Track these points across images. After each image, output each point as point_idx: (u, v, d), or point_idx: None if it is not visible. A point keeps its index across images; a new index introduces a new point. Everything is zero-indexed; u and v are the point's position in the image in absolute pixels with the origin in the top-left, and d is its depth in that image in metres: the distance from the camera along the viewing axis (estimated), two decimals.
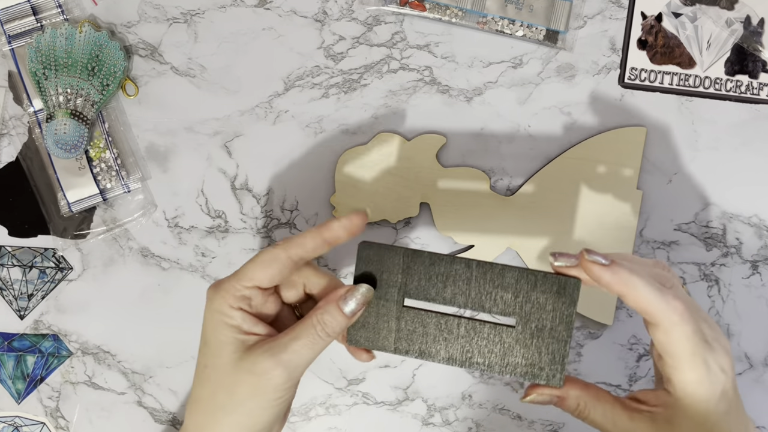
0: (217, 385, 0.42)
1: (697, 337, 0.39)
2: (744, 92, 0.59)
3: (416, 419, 0.59)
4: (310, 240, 0.42)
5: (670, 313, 0.39)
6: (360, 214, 0.43)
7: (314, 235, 0.42)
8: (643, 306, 0.39)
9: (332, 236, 0.42)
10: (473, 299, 0.42)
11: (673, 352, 0.40)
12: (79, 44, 0.56)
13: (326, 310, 0.41)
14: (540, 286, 0.41)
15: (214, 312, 0.42)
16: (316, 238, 0.42)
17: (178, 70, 0.59)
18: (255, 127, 0.59)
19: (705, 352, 0.40)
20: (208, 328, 0.43)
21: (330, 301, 0.42)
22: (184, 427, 0.44)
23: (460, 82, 0.59)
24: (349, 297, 0.41)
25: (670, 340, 0.39)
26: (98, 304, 0.59)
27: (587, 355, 0.59)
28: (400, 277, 0.42)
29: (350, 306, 0.41)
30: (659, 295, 0.39)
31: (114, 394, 0.59)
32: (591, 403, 0.42)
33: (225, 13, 0.59)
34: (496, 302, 0.41)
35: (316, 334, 0.41)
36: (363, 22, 0.59)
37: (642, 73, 0.59)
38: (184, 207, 0.59)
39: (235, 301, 0.42)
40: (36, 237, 0.59)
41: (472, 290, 0.42)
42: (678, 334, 0.39)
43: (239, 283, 0.42)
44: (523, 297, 0.41)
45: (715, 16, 0.59)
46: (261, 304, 0.43)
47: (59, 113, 0.56)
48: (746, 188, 0.59)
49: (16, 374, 0.59)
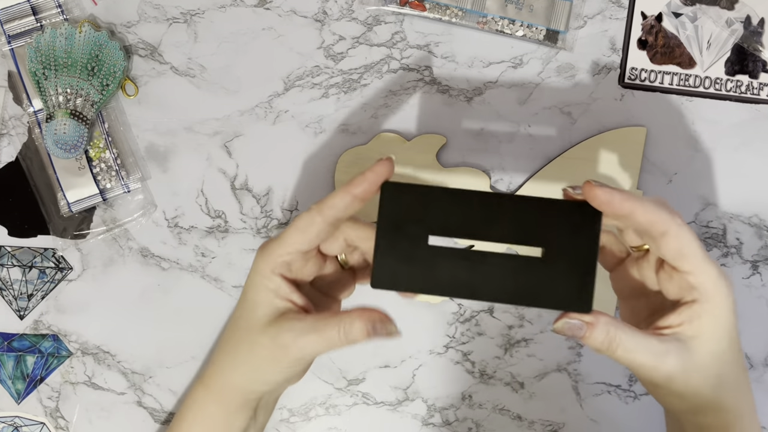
0: (243, 338, 0.45)
1: (699, 241, 0.42)
2: (744, 92, 0.59)
3: (416, 419, 0.59)
4: (340, 200, 0.42)
5: (675, 218, 0.41)
6: (385, 161, 0.42)
7: (344, 194, 0.42)
8: (649, 218, 0.40)
9: (361, 191, 0.42)
10: (498, 232, 0.41)
11: (688, 254, 0.41)
12: (79, 44, 0.56)
13: (353, 326, 0.43)
14: (562, 215, 0.41)
15: (256, 273, 0.44)
16: (346, 197, 0.42)
17: (177, 70, 0.59)
18: (255, 127, 0.59)
19: (710, 259, 0.42)
20: (249, 286, 0.45)
21: (362, 318, 0.43)
22: (210, 361, 0.48)
23: (460, 82, 0.59)
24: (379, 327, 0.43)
25: (682, 243, 0.41)
26: (98, 305, 0.59)
27: (587, 355, 0.59)
28: (423, 214, 0.41)
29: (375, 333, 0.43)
30: (661, 206, 0.41)
31: (114, 394, 0.59)
32: (621, 331, 0.41)
33: (225, 13, 0.59)
34: (522, 233, 0.41)
35: (337, 337, 0.43)
36: (363, 22, 0.59)
37: (642, 73, 0.59)
38: (183, 207, 0.59)
39: (277, 267, 0.44)
40: (36, 237, 0.59)
41: (497, 223, 0.41)
42: (688, 236, 0.41)
43: (281, 248, 0.44)
44: (547, 227, 0.41)
45: (716, 16, 0.59)
46: (301, 268, 0.45)
47: (59, 113, 0.56)
48: (746, 188, 0.59)
49: (15, 374, 0.59)
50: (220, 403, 0.46)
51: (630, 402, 0.59)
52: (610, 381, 0.59)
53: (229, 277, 0.59)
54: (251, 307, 0.44)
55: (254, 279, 0.44)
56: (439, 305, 0.59)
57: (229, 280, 0.59)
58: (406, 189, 0.41)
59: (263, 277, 0.44)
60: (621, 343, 0.41)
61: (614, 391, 0.59)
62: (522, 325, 0.59)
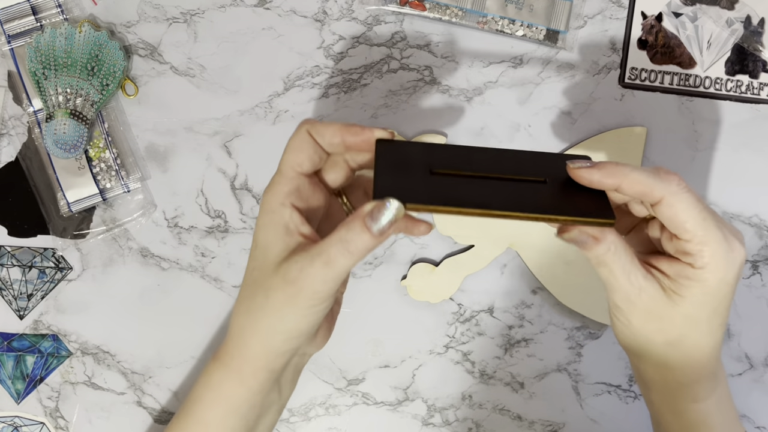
0: (257, 287, 0.41)
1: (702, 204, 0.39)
2: (744, 92, 0.59)
3: (416, 419, 0.59)
4: (330, 134, 0.41)
5: (668, 184, 0.39)
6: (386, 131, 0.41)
7: (335, 130, 0.41)
8: (639, 188, 0.39)
9: (352, 140, 0.40)
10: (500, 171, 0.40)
11: (683, 222, 0.39)
12: (79, 44, 0.56)
13: (350, 228, 0.38)
14: (563, 162, 0.41)
15: (265, 213, 0.41)
16: (336, 135, 0.41)
17: (177, 69, 0.59)
18: (255, 127, 0.59)
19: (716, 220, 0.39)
20: (258, 228, 0.42)
21: (356, 218, 0.38)
22: (229, 331, 0.43)
23: (460, 82, 0.58)
24: (376, 214, 0.37)
25: (676, 211, 0.39)
26: (98, 304, 0.59)
27: (587, 355, 0.59)
28: (421, 160, 0.40)
29: (378, 225, 0.37)
30: (652, 173, 0.39)
31: (113, 394, 0.59)
32: (620, 251, 0.40)
33: (225, 13, 0.59)
34: (521, 171, 0.40)
35: (339, 253, 0.38)
36: (363, 21, 0.59)
37: (642, 73, 0.59)
38: (183, 207, 0.59)
39: (285, 196, 0.41)
40: (35, 237, 0.59)
41: (499, 169, 0.40)
42: (682, 202, 0.39)
43: (283, 175, 0.41)
44: (548, 170, 0.41)
45: (716, 15, 0.59)
46: (310, 195, 0.42)
47: (59, 113, 0.56)
48: (746, 188, 0.59)
49: (15, 374, 0.59)
50: (241, 382, 0.43)
51: (630, 402, 0.59)
52: (610, 381, 0.59)
53: (229, 277, 0.59)
54: (262, 251, 0.41)
55: (263, 219, 0.41)
56: (439, 305, 0.59)
57: (229, 280, 0.59)
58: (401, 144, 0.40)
59: (272, 213, 0.41)
60: (615, 261, 0.40)
61: (614, 391, 0.59)
62: (522, 325, 0.59)
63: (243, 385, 0.43)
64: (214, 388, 0.44)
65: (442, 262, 0.58)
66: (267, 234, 0.41)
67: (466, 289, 0.59)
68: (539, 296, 0.59)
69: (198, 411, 0.44)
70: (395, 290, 0.59)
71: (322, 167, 0.44)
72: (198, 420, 0.44)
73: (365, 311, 0.59)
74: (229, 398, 0.43)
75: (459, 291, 0.59)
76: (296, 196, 0.41)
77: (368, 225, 0.37)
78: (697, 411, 0.44)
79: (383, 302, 0.59)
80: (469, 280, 0.59)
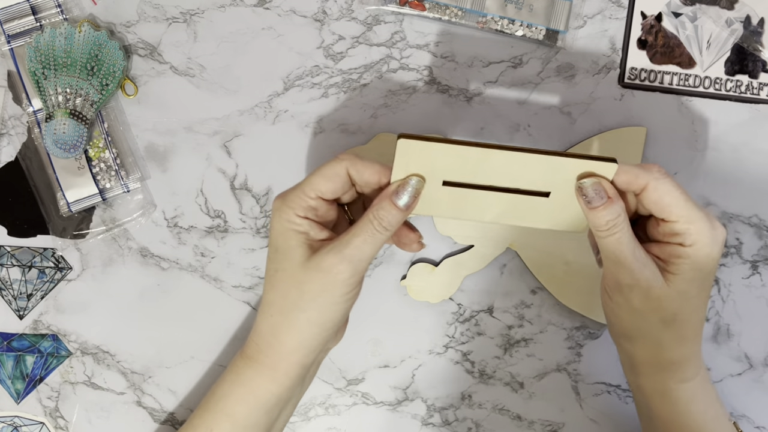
0: (289, 285, 0.44)
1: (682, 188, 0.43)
2: (744, 92, 0.59)
3: (416, 419, 0.59)
4: (369, 172, 0.44)
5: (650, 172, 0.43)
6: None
7: (374, 172, 0.44)
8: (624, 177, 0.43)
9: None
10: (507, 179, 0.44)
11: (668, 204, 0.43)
12: (79, 44, 0.56)
13: (381, 206, 0.43)
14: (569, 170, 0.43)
15: (283, 221, 0.44)
16: (374, 176, 0.44)
17: (177, 69, 0.59)
18: (254, 126, 0.59)
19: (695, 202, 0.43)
20: (278, 235, 0.45)
21: (383, 198, 0.43)
22: (257, 330, 0.46)
23: (460, 82, 0.58)
24: (401, 191, 0.43)
25: (661, 194, 0.43)
26: (97, 304, 0.59)
27: (587, 355, 0.59)
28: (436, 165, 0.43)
29: (403, 200, 0.43)
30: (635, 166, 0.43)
31: (113, 394, 0.59)
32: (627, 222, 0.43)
33: (224, 13, 0.59)
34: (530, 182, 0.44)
35: (374, 229, 0.43)
36: (362, 21, 0.59)
37: (642, 73, 0.58)
38: (183, 207, 0.59)
39: (303, 211, 0.44)
40: (35, 237, 0.59)
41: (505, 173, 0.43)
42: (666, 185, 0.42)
43: (305, 195, 0.44)
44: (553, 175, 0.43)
45: (715, 15, 0.59)
46: (325, 213, 0.45)
47: (58, 113, 0.56)
48: (746, 188, 0.59)
49: (15, 374, 0.59)
50: (274, 378, 0.46)
51: (630, 402, 0.59)
52: (610, 381, 0.59)
53: (229, 277, 0.59)
54: (285, 255, 0.44)
55: (281, 226, 0.44)
56: (438, 305, 0.59)
57: (229, 280, 0.59)
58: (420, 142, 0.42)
59: (290, 223, 0.44)
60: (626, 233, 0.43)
61: (614, 391, 0.59)
62: (522, 325, 0.59)
63: (275, 381, 0.46)
64: (244, 383, 0.47)
65: (442, 262, 0.58)
66: (287, 240, 0.44)
67: (465, 289, 0.59)
68: (539, 296, 0.59)
69: (226, 406, 0.47)
70: (395, 290, 0.59)
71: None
72: (226, 414, 0.47)
73: (365, 311, 0.59)
74: (260, 394, 0.46)
75: (459, 291, 0.59)
76: (314, 213, 0.45)
77: (395, 201, 0.43)
78: (685, 389, 0.47)
79: (383, 302, 0.59)
80: (469, 280, 0.59)
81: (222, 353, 0.59)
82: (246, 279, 0.59)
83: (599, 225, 0.43)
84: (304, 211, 0.44)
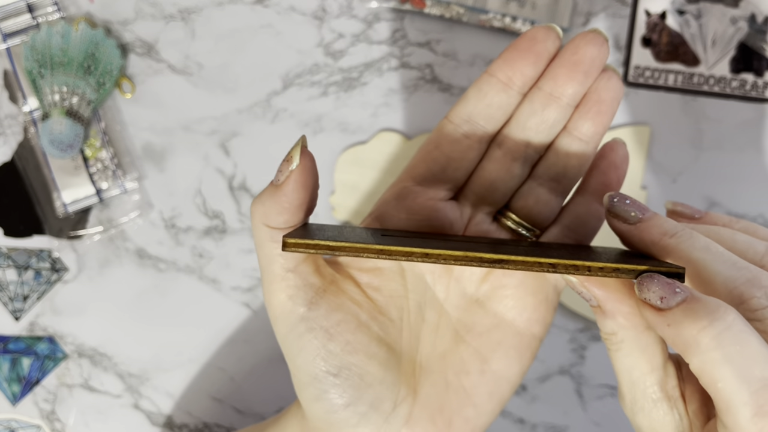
0: None
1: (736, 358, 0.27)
2: (749, 91, 0.58)
3: None
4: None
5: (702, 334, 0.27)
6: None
7: None
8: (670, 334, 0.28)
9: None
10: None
11: (709, 382, 0.28)
12: (75, 42, 0.56)
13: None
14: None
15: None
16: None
17: (175, 68, 0.58)
18: (253, 126, 0.58)
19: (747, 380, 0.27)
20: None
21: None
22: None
23: (462, 81, 0.58)
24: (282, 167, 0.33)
25: (706, 377, 0.28)
26: (94, 306, 0.59)
27: (590, 357, 0.58)
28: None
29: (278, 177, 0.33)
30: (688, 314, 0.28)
31: (110, 396, 0.59)
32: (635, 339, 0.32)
33: (222, 11, 0.58)
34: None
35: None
36: (363, 19, 0.58)
37: (646, 72, 0.58)
38: (181, 207, 0.58)
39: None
40: (31, 238, 0.58)
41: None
42: (715, 364, 0.27)
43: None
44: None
45: (720, 13, 0.58)
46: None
47: (55, 112, 0.55)
48: (752, 188, 0.58)
49: (11, 377, 0.59)
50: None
51: None
52: (614, 384, 0.58)
53: (227, 278, 0.58)
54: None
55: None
56: None
57: (227, 282, 0.58)
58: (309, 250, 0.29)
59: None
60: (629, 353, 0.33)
61: (616, 393, 0.58)
62: None
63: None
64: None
65: None
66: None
67: None
68: None
69: None
70: None
71: None
72: None
73: None
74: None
75: None
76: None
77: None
78: None
79: None
80: None
81: (220, 356, 0.59)
82: (245, 280, 0.58)
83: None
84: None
